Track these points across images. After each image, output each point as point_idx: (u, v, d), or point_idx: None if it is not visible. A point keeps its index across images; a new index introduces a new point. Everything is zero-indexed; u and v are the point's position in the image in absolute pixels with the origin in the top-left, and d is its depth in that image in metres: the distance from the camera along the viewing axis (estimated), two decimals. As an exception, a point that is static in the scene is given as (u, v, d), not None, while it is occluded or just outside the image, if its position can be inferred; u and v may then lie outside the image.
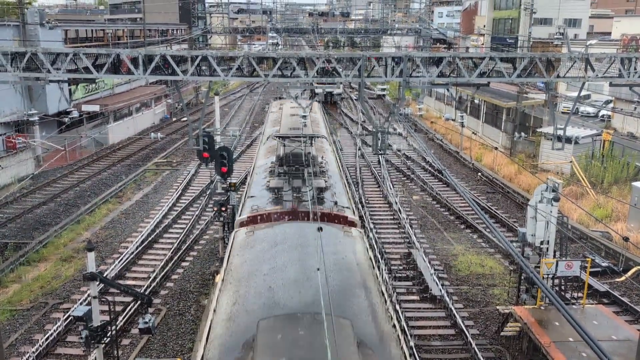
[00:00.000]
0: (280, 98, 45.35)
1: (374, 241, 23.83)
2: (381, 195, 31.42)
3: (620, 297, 19.83)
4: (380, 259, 21.16)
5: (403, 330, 13.58)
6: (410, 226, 26.34)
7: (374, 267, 12.36)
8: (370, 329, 9.67)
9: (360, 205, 28.59)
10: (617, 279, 21.40)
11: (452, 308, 18.98)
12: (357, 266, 11.89)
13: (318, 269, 9.77)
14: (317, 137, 21.69)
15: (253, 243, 12.91)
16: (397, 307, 18.23)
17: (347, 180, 23.69)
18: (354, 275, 11.39)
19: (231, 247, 13.20)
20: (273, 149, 20.15)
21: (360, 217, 21.02)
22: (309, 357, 8.20)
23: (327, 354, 7.71)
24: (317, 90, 44.14)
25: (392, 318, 10.54)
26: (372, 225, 26.30)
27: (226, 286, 11.27)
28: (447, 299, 19.56)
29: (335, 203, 15.16)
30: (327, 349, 7.78)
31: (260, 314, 9.57)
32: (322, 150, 21.35)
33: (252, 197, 16.38)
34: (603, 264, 21.80)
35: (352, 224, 14.43)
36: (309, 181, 15.69)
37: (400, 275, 21.66)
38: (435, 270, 21.96)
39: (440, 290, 20.14)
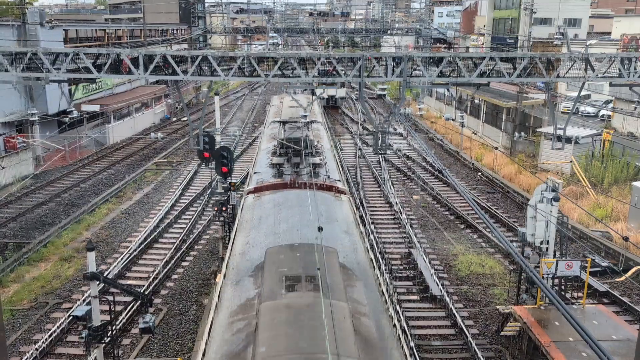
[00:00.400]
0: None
1: (362, 209, 27.77)
2: (381, 195, 31.43)
3: (620, 296, 19.84)
4: (380, 260, 21.20)
5: (377, 261, 16.31)
6: (411, 226, 26.35)
7: (357, 223, 15.29)
8: (352, 258, 12.56)
9: (361, 207, 28.62)
10: (617, 279, 21.41)
11: (452, 308, 19.00)
12: (344, 218, 14.99)
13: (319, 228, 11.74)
14: (314, 122, 25.04)
15: (260, 204, 15.88)
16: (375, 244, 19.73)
17: (339, 159, 26.91)
18: (341, 224, 14.43)
19: (242, 208, 16.44)
20: (275, 134, 23.08)
21: (350, 188, 24.36)
22: (304, 271, 10.81)
23: (317, 269, 10.54)
24: (317, 92, 43.73)
25: (368, 251, 13.69)
26: (372, 227, 26.32)
27: (240, 232, 14.41)
28: (447, 298, 19.57)
29: (328, 177, 17.88)
30: (317, 264, 10.72)
31: (267, 246, 12.47)
32: (319, 135, 24.38)
33: (257, 172, 19.18)
34: (603, 264, 21.81)
35: (342, 192, 17.32)
36: (306, 159, 18.30)
37: (400, 275, 21.68)
38: (435, 270, 21.98)
39: (440, 290, 20.16)
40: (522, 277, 17.17)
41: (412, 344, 16.10)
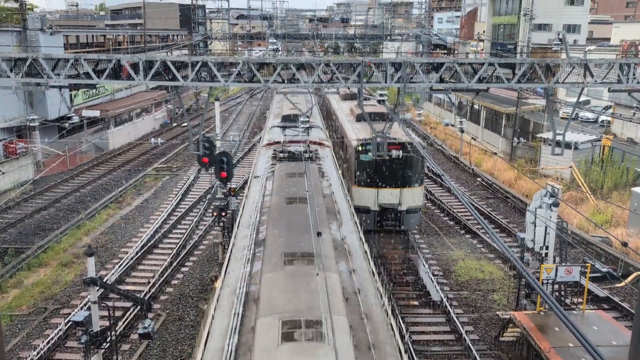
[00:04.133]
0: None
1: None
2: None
3: (620, 302, 19.82)
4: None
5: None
6: (411, 232, 26.33)
7: (336, 166, 21.56)
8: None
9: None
10: (617, 285, 21.38)
11: (452, 312, 18.97)
12: (327, 157, 22.47)
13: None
14: (313, 127, 29.10)
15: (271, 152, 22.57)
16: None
17: (326, 130, 31.78)
18: (326, 163, 21.15)
19: (258, 153, 23.93)
20: (279, 114, 30.95)
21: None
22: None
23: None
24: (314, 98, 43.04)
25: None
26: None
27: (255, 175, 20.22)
28: (447, 304, 19.54)
29: (318, 137, 25.29)
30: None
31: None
32: (315, 116, 31.43)
33: (268, 136, 26.43)
34: (603, 270, 21.78)
35: (327, 146, 24.73)
36: (303, 128, 25.14)
37: (400, 280, 21.65)
38: (434, 275, 21.95)
39: (440, 296, 20.13)
40: (522, 283, 17.16)
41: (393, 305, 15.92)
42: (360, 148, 23.73)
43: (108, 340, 12.24)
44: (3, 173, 31.69)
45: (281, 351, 8.50)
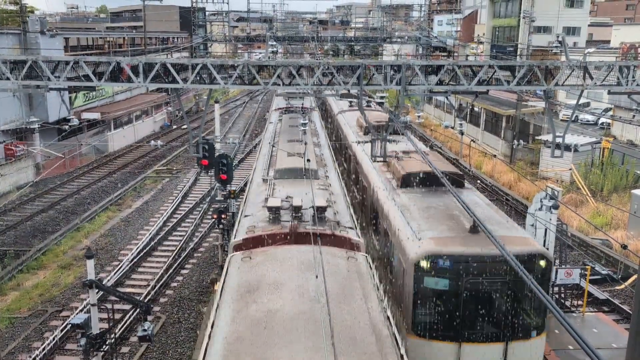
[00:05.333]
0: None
1: None
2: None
3: (620, 305, 19.79)
4: None
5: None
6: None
7: (330, 146, 23.64)
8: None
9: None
10: (617, 287, 21.36)
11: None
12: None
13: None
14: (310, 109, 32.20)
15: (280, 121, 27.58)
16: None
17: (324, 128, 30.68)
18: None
19: (270, 114, 29.11)
20: (281, 108, 32.74)
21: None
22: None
23: None
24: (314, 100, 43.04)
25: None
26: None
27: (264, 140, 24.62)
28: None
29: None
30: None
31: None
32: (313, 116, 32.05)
33: (271, 122, 28.89)
34: (603, 272, 21.76)
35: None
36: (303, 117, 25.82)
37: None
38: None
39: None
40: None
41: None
42: (425, 265, 12.01)
43: (107, 342, 12.22)
44: (2, 175, 31.71)
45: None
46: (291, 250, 10.92)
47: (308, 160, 16.67)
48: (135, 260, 23.21)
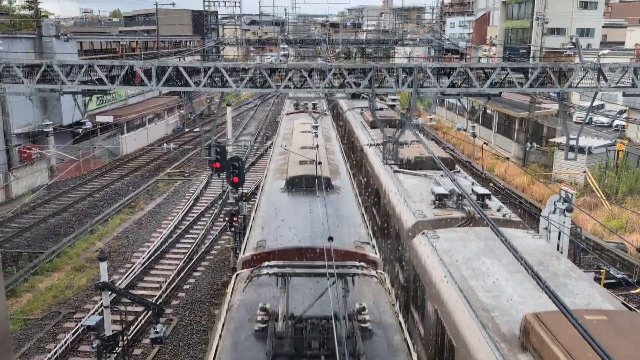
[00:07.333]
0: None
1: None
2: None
3: (635, 309, 19.53)
4: None
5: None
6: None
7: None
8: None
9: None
10: (632, 291, 21.11)
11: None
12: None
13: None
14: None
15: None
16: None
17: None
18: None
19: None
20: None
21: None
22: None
23: None
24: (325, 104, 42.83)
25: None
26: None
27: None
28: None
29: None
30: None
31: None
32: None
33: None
34: (617, 276, 21.53)
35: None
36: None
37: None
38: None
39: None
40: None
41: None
42: None
43: (120, 344, 12.29)
44: (17, 178, 32.04)
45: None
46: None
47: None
48: (147, 262, 23.33)
